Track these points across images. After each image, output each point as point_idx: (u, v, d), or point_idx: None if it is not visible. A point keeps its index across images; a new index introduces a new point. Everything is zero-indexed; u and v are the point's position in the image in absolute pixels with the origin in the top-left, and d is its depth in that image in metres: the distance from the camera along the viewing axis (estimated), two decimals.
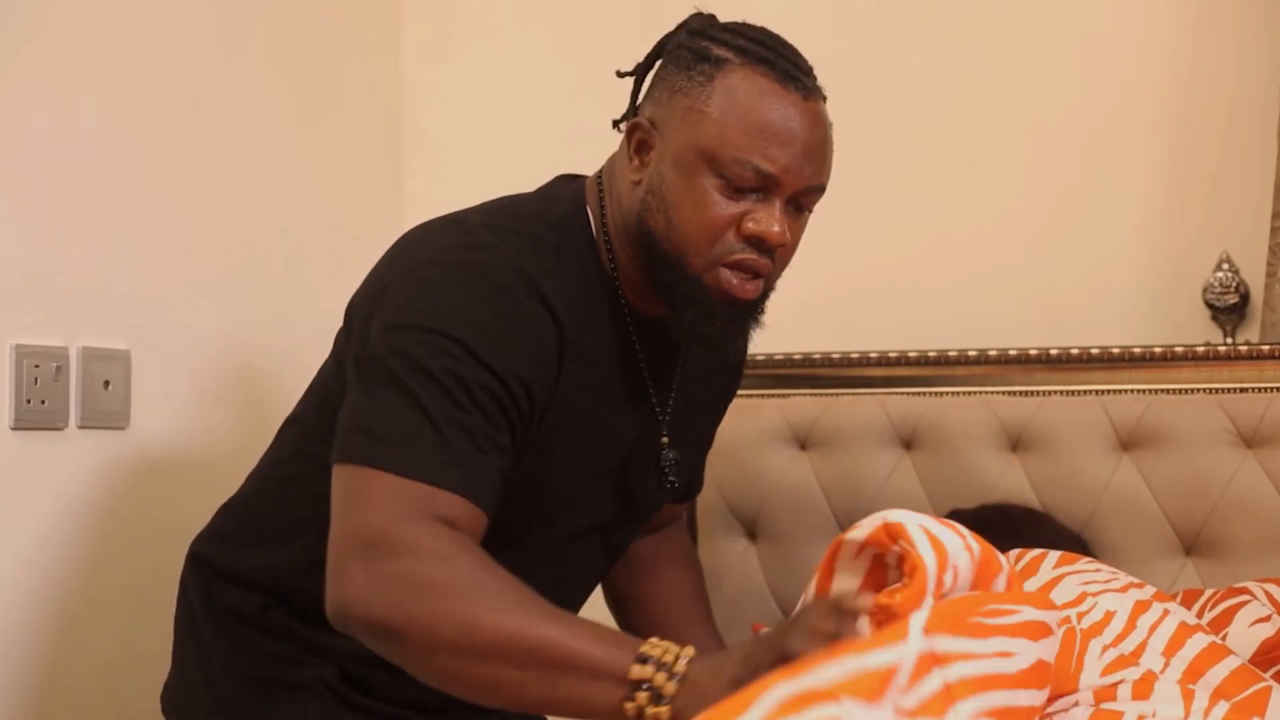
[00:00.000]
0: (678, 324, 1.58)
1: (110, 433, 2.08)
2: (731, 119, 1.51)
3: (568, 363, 1.56)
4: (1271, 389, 2.07)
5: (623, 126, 1.64)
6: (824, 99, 1.58)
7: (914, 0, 2.43)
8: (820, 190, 1.58)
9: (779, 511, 2.24)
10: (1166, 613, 1.62)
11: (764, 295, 1.60)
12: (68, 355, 2.01)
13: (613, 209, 1.62)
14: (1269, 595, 1.78)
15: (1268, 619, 1.71)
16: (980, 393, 2.20)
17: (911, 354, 2.24)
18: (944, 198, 2.40)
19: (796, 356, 2.29)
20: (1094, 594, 1.65)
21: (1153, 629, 1.60)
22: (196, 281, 2.23)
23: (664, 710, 1.30)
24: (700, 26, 1.59)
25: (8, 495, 1.94)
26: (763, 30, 1.59)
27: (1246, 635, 1.69)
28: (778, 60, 1.54)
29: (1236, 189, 2.24)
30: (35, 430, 1.97)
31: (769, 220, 1.53)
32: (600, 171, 1.67)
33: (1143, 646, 1.57)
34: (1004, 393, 2.19)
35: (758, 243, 1.54)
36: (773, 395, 2.28)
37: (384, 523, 1.39)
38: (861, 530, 1.34)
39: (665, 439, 1.71)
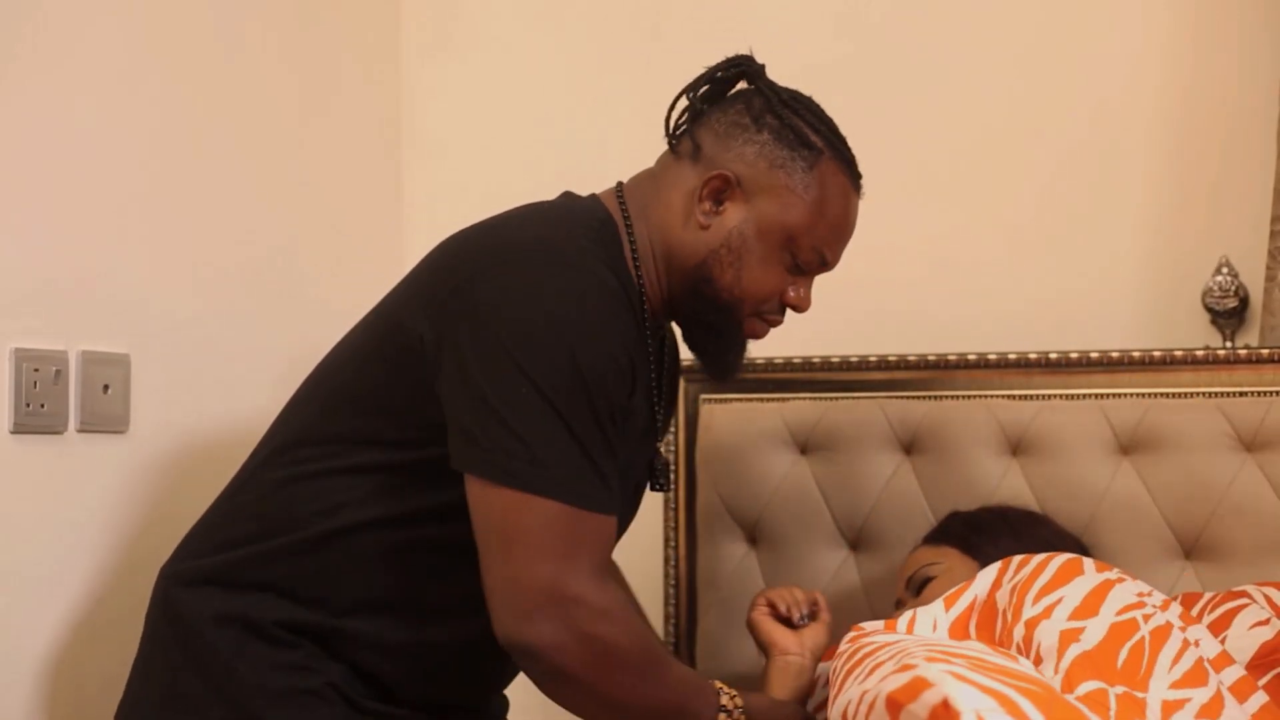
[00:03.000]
0: (702, 352, 1.77)
1: (110, 437, 2.07)
2: (823, 213, 1.70)
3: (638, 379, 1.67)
4: (1271, 393, 2.07)
5: (682, 148, 1.72)
6: None
7: (914, 5, 2.43)
8: None
9: (779, 515, 2.24)
10: (1196, 642, 1.63)
11: None
12: (67, 359, 2.00)
13: (646, 229, 1.72)
14: (1268, 599, 1.78)
15: (1266, 622, 1.72)
16: (980, 396, 2.19)
17: (911, 358, 2.24)
18: (943, 201, 2.40)
19: (796, 360, 2.28)
20: (1151, 603, 1.66)
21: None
22: (196, 284, 2.22)
23: None
24: (792, 101, 1.71)
25: (7, 499, 1.94)
26: (827, 115, 1.74)
27: (1246, 638, 1.70)
28: (852, 159, 1.73)
29: (1236, 192, 2.24)
30: (35, 434, 1.97)
31: (806, 296, 1.75)
32: (620, 187, 1.76)
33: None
34: (1004, 396, 2.18)
35: (787, 309, 1.75)
36: (773, 399, 2.28)
37: (571, 573, 1.53)
38: (925, 702, 1.27)
39: (660, 443, 1.82)
